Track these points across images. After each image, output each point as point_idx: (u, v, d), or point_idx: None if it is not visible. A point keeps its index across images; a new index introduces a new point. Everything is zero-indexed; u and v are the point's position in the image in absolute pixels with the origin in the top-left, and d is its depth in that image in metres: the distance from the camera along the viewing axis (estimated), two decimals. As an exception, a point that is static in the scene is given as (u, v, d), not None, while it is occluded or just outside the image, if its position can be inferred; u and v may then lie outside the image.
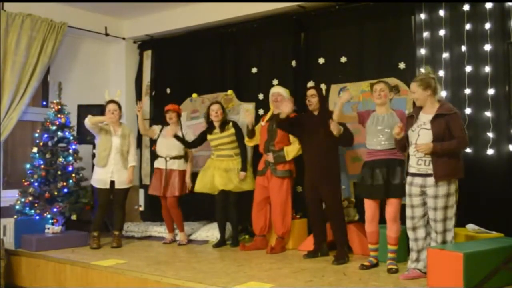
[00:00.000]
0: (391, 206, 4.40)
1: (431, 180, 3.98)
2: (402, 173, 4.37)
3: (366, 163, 4.54)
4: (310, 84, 5.84)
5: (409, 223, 4.16)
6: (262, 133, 5.61)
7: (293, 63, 6.15)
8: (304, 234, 5.68)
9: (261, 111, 6.32)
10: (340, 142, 5.01)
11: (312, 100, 5.10)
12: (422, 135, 4.03)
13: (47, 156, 6.08)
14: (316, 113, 5.11)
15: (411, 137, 4.11)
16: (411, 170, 4.11)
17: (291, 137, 5.39)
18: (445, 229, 3.99)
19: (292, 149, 5.36)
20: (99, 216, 5.84)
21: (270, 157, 5.40)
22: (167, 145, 5.99)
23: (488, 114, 4.81)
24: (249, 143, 5.78)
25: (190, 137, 6.01)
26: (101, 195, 5.78)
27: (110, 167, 5.74)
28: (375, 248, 4.57)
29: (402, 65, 5.40)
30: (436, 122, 3.99)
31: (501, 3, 4.78)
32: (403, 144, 4.22)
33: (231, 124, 5.81)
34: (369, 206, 4.50)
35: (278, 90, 5.58)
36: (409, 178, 4.14)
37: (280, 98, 5.49)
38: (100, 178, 5.75)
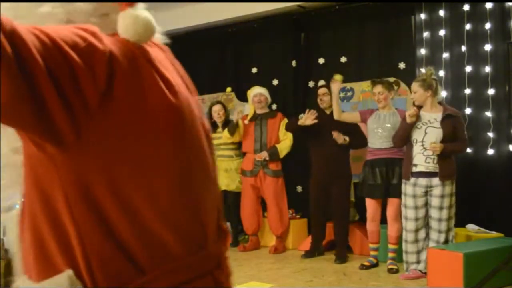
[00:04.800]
0: (392, 205, 4.41)
1: (436, 180, 4.01)
2: (401, 172, 4.37)
3: (367, 162, 4.56)
4: (321, 82, 5.58)
5: (412, 225, 4.13)
6: (246, 133, 5.58)
7: (293, 63, 6.15)
8: (304, 234, 5.67)
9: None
10: (352, 145, 4.94)
11: (325, 99, 5.05)
12: (430, 133, 4.05)
13: (47, 156, 6.07)
14: (328, 112, 5.03)
15: (416, 135, 4.11)
16: (418, 169, 4.09)
17: (282, 135, 5.42)
18: (449, 228, 4.04)
19: (285, 147, 5.39)
20: None
21: (264, 154, 5.39)
22: None
23: (488, 114, 4.81)
24: (228, 139, 5.63)
25: None
26: None
27: None
28: (375, 248, 4.59)
29: (402, 65, 5.39)
30: (445, 122, 4.06)
31: (501, 3, 4.78)
32: (405, 137, 4.17)
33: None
34: (371, 205, 4.52)
35: (260, 91, 5.60)
36: (412, 179, 4.12)
37: (263, 99, 5.54)
38: None
